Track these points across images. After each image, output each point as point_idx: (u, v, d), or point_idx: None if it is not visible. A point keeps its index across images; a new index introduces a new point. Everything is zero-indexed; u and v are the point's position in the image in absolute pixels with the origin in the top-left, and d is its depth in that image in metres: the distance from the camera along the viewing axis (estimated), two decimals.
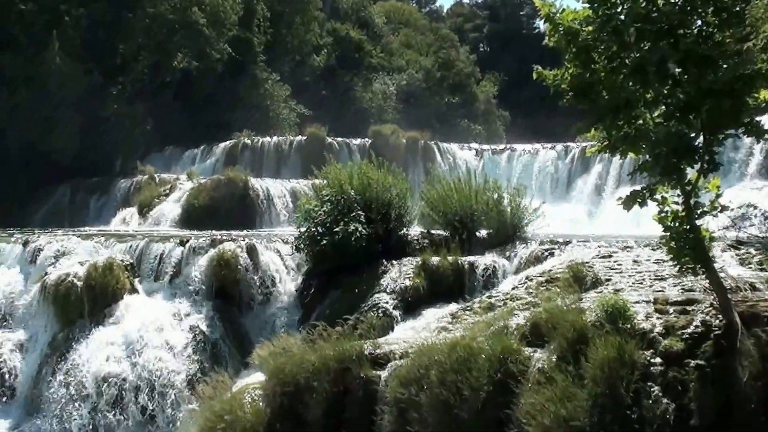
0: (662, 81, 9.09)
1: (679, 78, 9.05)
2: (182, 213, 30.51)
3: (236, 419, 12.67)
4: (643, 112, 9.29)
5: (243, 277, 17.45)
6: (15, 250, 20.12)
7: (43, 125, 36.53)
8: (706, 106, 9.02)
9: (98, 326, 16.74)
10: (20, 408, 17.08)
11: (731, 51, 8.94)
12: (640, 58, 9.04)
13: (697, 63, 8.91)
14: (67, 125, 37.13)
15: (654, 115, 9.29)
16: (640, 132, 9.26)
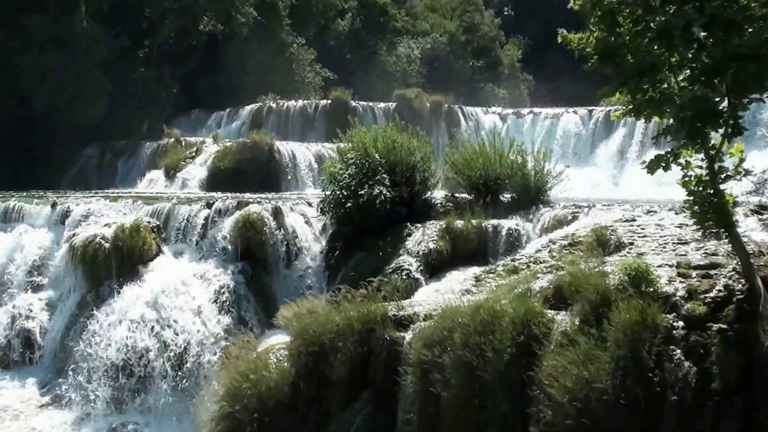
0: (687, 45, 9.07)
1: (704, 42, 9.02)
2: (208, 175, 30.70)
3: (261, 379, 12.84)
4: (668, 75, 9.28)
5: (268, 239, 17.54)
6: (44, 212, 20.33)
7: (70, 88, 36.68)
8: (731, 70, 9.00)
9: (125, 287, 16.92)
10: (49, 366, 17.39)
11: (756, 15, 8.90)
12: (665, 21, 9.01)
13: (722, 27, 8.88)
14: (94, 88, 37.24)
15: (679, 78, 9.28)
16: (665, 96, 9.25)
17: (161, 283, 16.73)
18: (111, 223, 18.39)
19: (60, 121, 36.46)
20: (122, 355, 15.75)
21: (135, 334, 15.81)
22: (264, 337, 15.09)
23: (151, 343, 15.67)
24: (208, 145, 33.73)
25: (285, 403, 12.69)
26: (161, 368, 15.50)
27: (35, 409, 16.15)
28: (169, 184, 31.41)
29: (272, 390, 12.78)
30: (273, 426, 12.65)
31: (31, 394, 16.65)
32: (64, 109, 36.55)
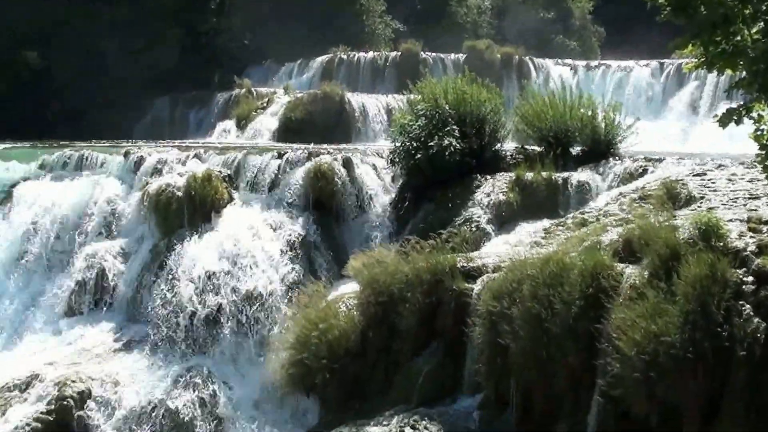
0: None
1: None
2: (279, 126, 30.82)
3: (331, 327, 13.05)
4: (742, 28, 9.14)
5: (339, 189, 17.64)
6: (117, 161, 20.58)
7: (142, 38, 37.02)
8: None
9: (197, 235, 17.11)
10: (122, 313, 17.66)
11: None
12: None
13: None
14: (166, 39, 37.56)
15: (752, 31, 9.14)
16: (738, 48, 9.12)
17: (233, 231, 16.90)
18: (184, 172, 18.59)
19: (132, 71, 36.80)
20: (194, 302, 15.96)
21: (206, 282, 16.01)
22: (333, 287, 15.28)
23: (222, 291, 15.87)
24: (280, 96, 33.83)
25: (354, 352, 12.90)
26: (232, 315, 15.70)
27: (110, 354, 16.45)
28: (241, 135, 31.61)
29: (341, 338, 12.99)
30: (342, 373, 12.88)
31: (106, 339, 16.97)
32: (136, 59, 36.90)
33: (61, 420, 14.73)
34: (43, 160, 21.32)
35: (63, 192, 19.85)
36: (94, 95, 35.88)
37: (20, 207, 19.89)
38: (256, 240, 16.67)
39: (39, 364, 16.31)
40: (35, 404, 14.98)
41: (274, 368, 13.71)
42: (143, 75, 36.82)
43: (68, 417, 14.79)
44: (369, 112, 31.50)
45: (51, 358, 16.54)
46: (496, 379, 11.09)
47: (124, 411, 14.84)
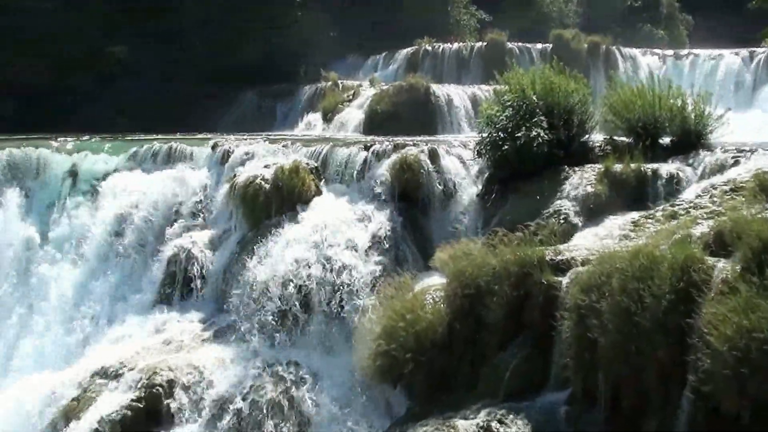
0: None
1: None
2: (365, 118, 30.91)
3: (417, 319, 13.04)
4: None
5: (425, 181, 17.61)
6: (205, 153, 20.85)
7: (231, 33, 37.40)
8: None
9: (285, 226, 17.24)
10: (210, 304, 17.94)
11: None
12: None
13: None
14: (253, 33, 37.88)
15: None
16: None
17: (319, 223, 16.97)
18: (271, 164, 18.73)
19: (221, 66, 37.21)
20: (281, 292, 16.08)
21: (294, 273, 16.11)
22: (420, 278, 15.24)
23: (309, 282, 15.95)
24: (365, 88, 33.97)
25: (441, 344, 12.88)
26: (320, 306, 15.82)
27: (197, 343, 16.69)
28: (327, 127, 31.80)
29: (428, 330, 12.98)
30: (429, 365, 12.88)
31: (194, 329, 17.23)
32: (224, 52, 37.30)
33: (151, 408, 15.03)
34: (133, 153, 21.65)
35: (152, 184, 20.23)
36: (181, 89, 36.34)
37: (110, 199, 20.29)
38: (343, 231, 16.72)
39: (129, 352, 16.63)
40: (125, 392, 15.31)
41: (361, 359, 13.76)
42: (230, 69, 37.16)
43: (157, 405, 15.07)
44: (454, 104, 31.41)
45: (140, 347, 16.85)
46: (584, 374, 10.98)
47: (212, 400, 15.05)
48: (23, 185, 21.36)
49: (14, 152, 21.92)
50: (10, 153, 21.87)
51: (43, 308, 19.42)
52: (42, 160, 21.69)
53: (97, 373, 16.19)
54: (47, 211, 20.98)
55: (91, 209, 20.36)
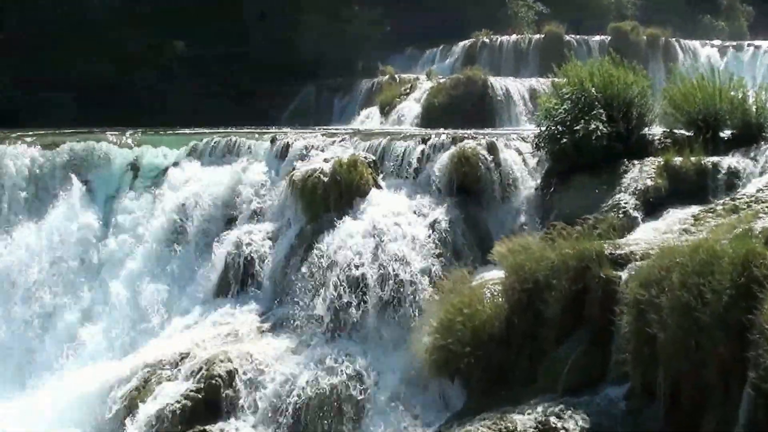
0: None
1: None
2: (422, 111, 30.95)
3: (475, 313, 13.03)
4: None
5: (483, 174, 17.56)
6: (264, 147, 20.98)
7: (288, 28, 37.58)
8: None
9: (343, 220, 17.25)
10: (268, 296, 17.99)
11: None
12: None
13: None
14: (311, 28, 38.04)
15: None
16: None
17: (378, 216, 17.00)
18: (329, 157, 18.79)
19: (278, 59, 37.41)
20: (339, 285, 16.12)
21: (351, 266, 16.16)
22: (478, 272, 15.24)
23: (367, 275, 15.98)
24: (422, 82, 34.02)
25: (498, 338, 12.86)
26: (377, 299, 15.83)
27: (255, 335, 16.80)
28: (384, 121, 31.86)
29: (486, 324, 12.96)
30: (486, 359, 12.87)
31: (252, 321, 17.34)
32: (282, 47, 37.49)
33: (210, 398, 15.14)
34: (193, 146, 21.84)
35: (212, 177, 20.44)
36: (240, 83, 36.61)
37: (170, 191, 20.51)
38: (401, 225, 16.74)
39: (188, 343, 16.82)
40: (185, 382, 15.46)
41: (419, 352, 13.79)
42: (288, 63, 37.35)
43: (216, 395, 15.18)
44: (512, 96, 31.38)
45: (199, 337, 17.01)
46: (643, 369, 10.89)
47: (269, 391, 15.15)
48: (85, 178, 21.63)
49: (76, 145, 22.21)
50: (73, 146, 22.14)
51: (103, 299, 19.65)
52: (104, 153, 21.97)
53: (157, 363, 16.37)
54: (108, 204, 21.24)
55: (151, 202, 20.58)
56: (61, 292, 20.02)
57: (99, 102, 34.80)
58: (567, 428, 10.66)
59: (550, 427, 10.76)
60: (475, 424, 11.52)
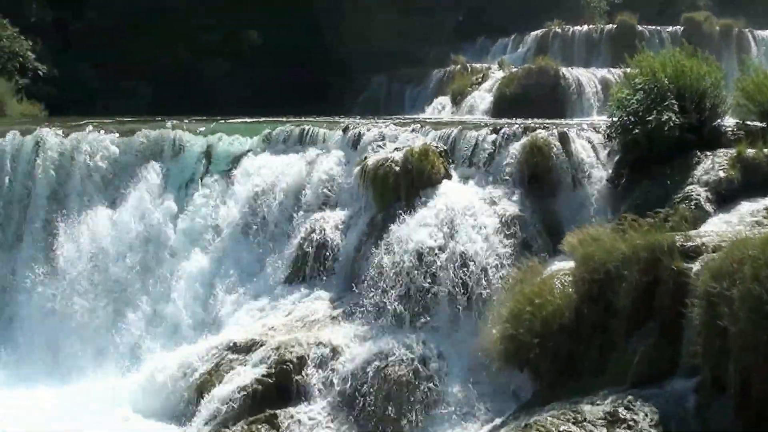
0: None
1: None
2: (494, 101, 30.95)
3: (545, 303, 13.07)
4: None
5: (555, 164, 17.56)
6: (336, 136, 21.13)
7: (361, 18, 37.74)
8: None
9: (414, 209, 17.31)
10: (339, 283, 18.18)
11: None
12: None
13: None
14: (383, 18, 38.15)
15: None
16: None
17: (448, 206, 17.05)
18: (401, 146, 18.89)
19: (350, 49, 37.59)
20: (409, 274, 16.24)
21: (422, 255, 16.26)
22: (548, 263, 15.23)
23: (437, 264, 16.09)
24: (494, 72, 34.02)
25: (568, 328, 12.88)
26: (447, 288, 15.91)
27: (326, 321, 16.99)
28: (456, 110, 31.88)
29: (556, 314, 12.99)
30: (556, 349, 12.91)
31: (323, 307, 17.52)
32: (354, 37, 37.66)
33: (281, 383, 15.41)
34: (266, 135, 22.05)
35: (285, 165, 20.61)
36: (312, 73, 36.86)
37: (244, 179, 20.73)
38: (472, 215, 16.79)
39: (260, 329, 17.12)
40: (256, 367, 15.69)
41: (488, 342, 13.85)
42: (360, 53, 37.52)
43: (287, 381, 15.43)
44: (584, 87, 31.25)
45: (271, 323, 17.32)
46: (713, 362, 10.82)
47: (339, 377, 15.34)
48: (160, 165, 21.90)
49: (152, 133, 22.55)
50: (148, 134, 22.49)
51: (177, 285, 19.92)
52: (178, 141, 22.24)
53: (229, 348, 16.69)
54: (182, 191, 21.50)
55: (225, 189, 20.80)
56: (135, 277, 20.32)
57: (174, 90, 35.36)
58: (636, 420, 10.65)
59: (619, 418, 10.76)
60: (544, 414, 11.54)
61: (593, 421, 10.85)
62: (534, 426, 11.17)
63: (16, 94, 33.53)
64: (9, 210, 21.93)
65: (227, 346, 16.74)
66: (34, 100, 34.15)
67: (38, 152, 22.17)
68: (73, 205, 21.44)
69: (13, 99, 33.07)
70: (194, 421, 15.58)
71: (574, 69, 33.12)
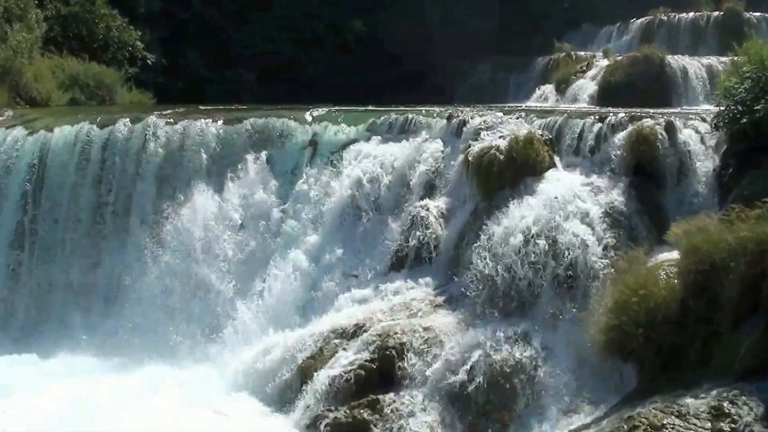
0: None
1: None
2: (598, 90, 30.79)
3: (650, 294, 13.00)
4: None
5: (661, 154, 17.29)
6: (440, 124, 21.14)
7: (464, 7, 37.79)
8: None
9: (518, 198, 17.30)
10: (442, 271, 18.21)
11: None
12: None
13: None
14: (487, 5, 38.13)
15: None
16: None
17: (552, 195, 17.02)
18: (505, 134, 18.83)
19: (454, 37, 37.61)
20: (512, 263, 16.26)
21: (525, 244, 16.25)
22: (653, 253, 15.10)
23: (542, 253, 16.07)
24: (599, 60, 33.74)
25: (673, 320, 12.80)
26: (551, 277, 15.89)
27: (429, 309, 17.09)
28: (560, 99, 31.74)
29: (660, 306, 12.92)
30: (660, 340, 12.84)
31: (426, 295, 17.64)
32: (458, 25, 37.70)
33: (383, 369, 15.60)
34: (371, 123, 22.21)
35: (389, 153, 20.74)
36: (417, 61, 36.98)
37: (349, 168, 20.90)
38: (576, 204, 16.70)
39: (363, 315, 17.34)
40: (359, 353, 15.94)
41: (592, 332, 13.82)
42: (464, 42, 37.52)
43: (390, 367, 15.60)
44: (689, 75, 30.86)
45: (374, 309, 17.50)
46: None
47: (441, 365, 15.42)
48: (265, 153, 22.17)
49: (258, 121, 22.87)
50: (254, 122, 22.83)
51: (282, 270, 20.14)
52: (284, 130, 22.48)
53: (333, 333, 16.93)
54: (288, 178, 21.73)
55: (330, 177, 20.95)
56: (241, 262, 20.69)
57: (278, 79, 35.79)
58: (740, 414, 10.58)
59: (723, 412, 10.69)
60: (648, 406, 11.52)
61: (697, 414, 10.80)
62: (637, 418, 11.17)
63: (126, 83, 34.38)
64: (119, 195, 22.48)
65: (331, 331, 16.99)
66: (142, 88, 35.07)
67: (147, 139, 22.69)
68: (181, 190, 21.92)
69: (122, 88, 33.95)
70: (297, 404, 15.89)
71: (680, 57, 32.68)
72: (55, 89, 31.04)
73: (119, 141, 22.97)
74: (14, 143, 23.56)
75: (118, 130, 23.15)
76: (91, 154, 23.02)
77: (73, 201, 22.68)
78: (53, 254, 22.44)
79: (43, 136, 23.58)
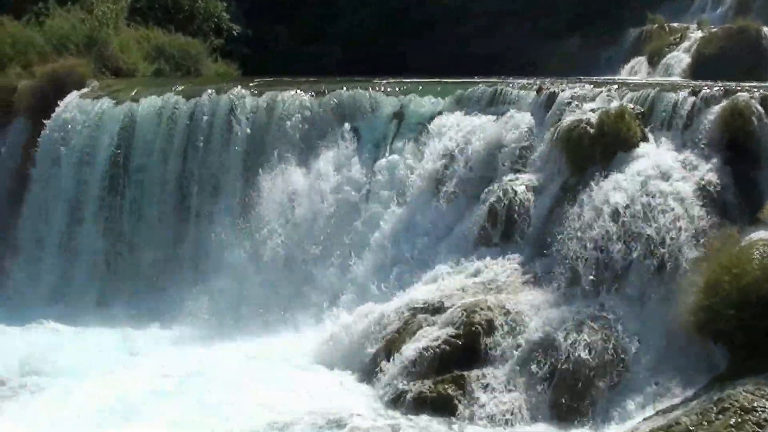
0: None
1: None
2: (691, 62, 30.29)
3: (743, 273, 12.74)
4: None
5: (756, 129, 16.75)
6: (529, 97, 20.81)
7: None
8: None
9: (609, 173, 16.99)
10: (530, 247, 17.93)
11: None
12: None
13: None
14: None
15: None
16: None
17: (643, 170, 16.66)
18: (596, 108, 18.49)
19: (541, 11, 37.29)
20: (602, 240, 16.03)
21: (616, 221, 15.99)
22: (746, 232, 14.69)
23: (631, 231, 15.79)
24: (693, 31, 33.16)
25: (766, 301, 12.50)
26: (641, 256, 15.57)
27: (516, 286, 16.92)
28: (652, 72, 31.27)
29: (753, 286, 12.65)
30: (752, 321, 12.55)
31: (513, 271, 17.42)
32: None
33: (468, 345, 15.51)
34: (458, 96, 21.97)
35: (477, 126, 20.41)
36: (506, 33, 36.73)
37: (435, 141, 20.72)
38: (669, 180, 16.35)
39: (448, 290, 17.17)
40: (444, 328, 15.85)
41: (681, 312, 13.57)
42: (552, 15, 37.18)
43: (475, 343, 15.52)
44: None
45: (460, 285, 17.32)
46: None
47: (527, 344, 15.31)
48: (352, 125, 22.12)
49: (344, 93, 22.81)
50: (341, 94, 22.78)
51: (367, 243, 20.19)
52: (371, 102, 22.40)
53: (419, 307, 16.86)
54: (374, 150, 21.65)
55: (416, 150, 20.83)
56: (326, 236, 20.72)
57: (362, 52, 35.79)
58: None
59: None
60: (738, 388, 11.36)
61: None
62: (727, 400, 11.01)
63: (211, 54, 34.62)
64: (207, 166, 22.67)
65: (416, 306, 16.94)
66: (228, 59, 35.27)
67: (234, 111, 22.80)
68: (268, 162, 21.97)
69: (208, 59, 34.19)
70: (381, 377, 15.92)
71: None
72: (141, 60, 31.29)
73: (205, 113, 23.12)
74: (101, 114, 23.84)
75: (204, 101, 23.31)
76: (177, 124, 23.26)
77: (161, 172, 22.99)
78: (140, 227, 22.94)
79: (129, 107, 23.91)
